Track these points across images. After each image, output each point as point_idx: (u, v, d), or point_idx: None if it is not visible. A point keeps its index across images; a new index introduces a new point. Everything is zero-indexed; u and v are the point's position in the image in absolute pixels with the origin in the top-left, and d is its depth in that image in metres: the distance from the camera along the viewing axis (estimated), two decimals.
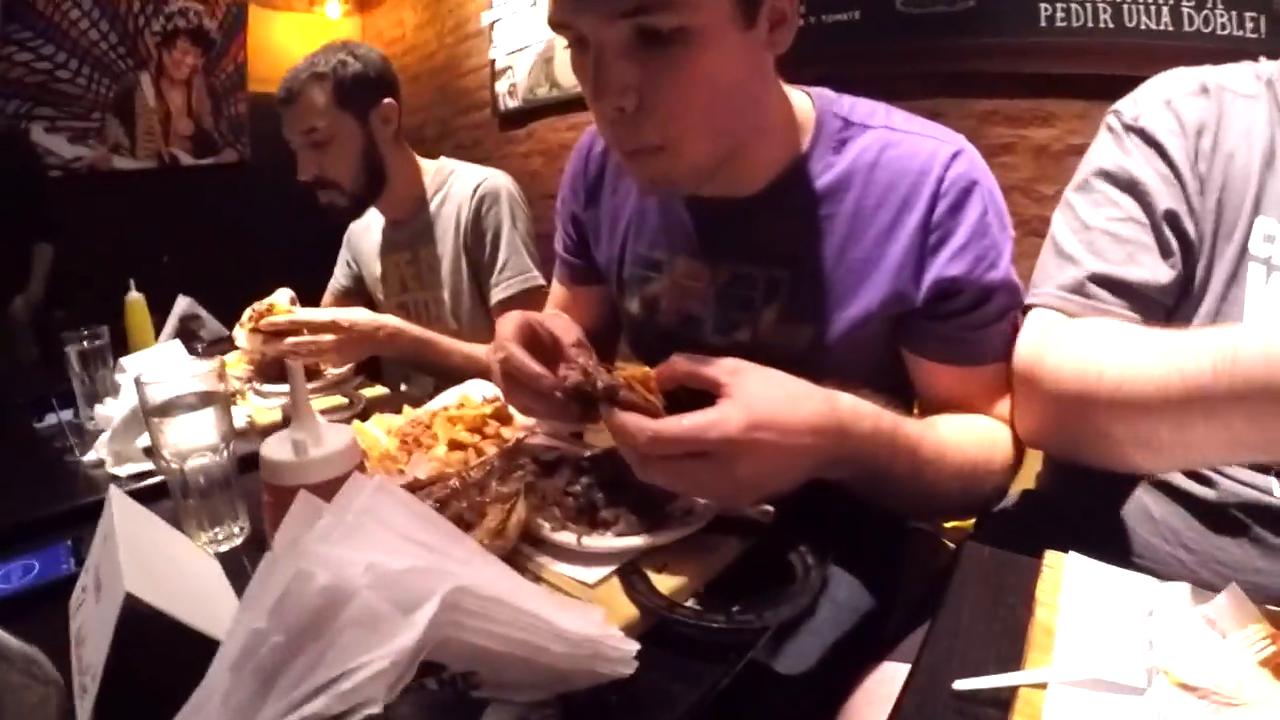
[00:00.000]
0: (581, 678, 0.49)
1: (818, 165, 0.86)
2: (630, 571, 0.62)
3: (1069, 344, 0.73)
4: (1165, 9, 1.86)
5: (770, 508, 0.71)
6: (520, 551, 0.65)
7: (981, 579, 0.60)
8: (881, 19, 2.17)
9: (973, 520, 0.94)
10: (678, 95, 0.74)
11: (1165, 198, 0.77)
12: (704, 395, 0.63)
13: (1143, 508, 0.80)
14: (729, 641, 0.56)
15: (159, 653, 0.50)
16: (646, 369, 0.66)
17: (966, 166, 0.82)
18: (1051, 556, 0.61)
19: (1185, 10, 1.84)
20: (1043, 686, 0.48)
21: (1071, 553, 0.62)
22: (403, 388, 1.74)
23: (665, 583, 0.61)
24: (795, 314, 0.88)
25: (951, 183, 0.81)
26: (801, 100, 0.89)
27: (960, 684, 0.48)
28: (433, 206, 1.68)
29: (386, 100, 1.58)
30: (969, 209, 0.81)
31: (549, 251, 1.23)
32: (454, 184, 1.67)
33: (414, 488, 0.73)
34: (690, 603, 0.61)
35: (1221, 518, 0.74)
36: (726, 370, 0.63)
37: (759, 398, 0.61)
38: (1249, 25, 1.81)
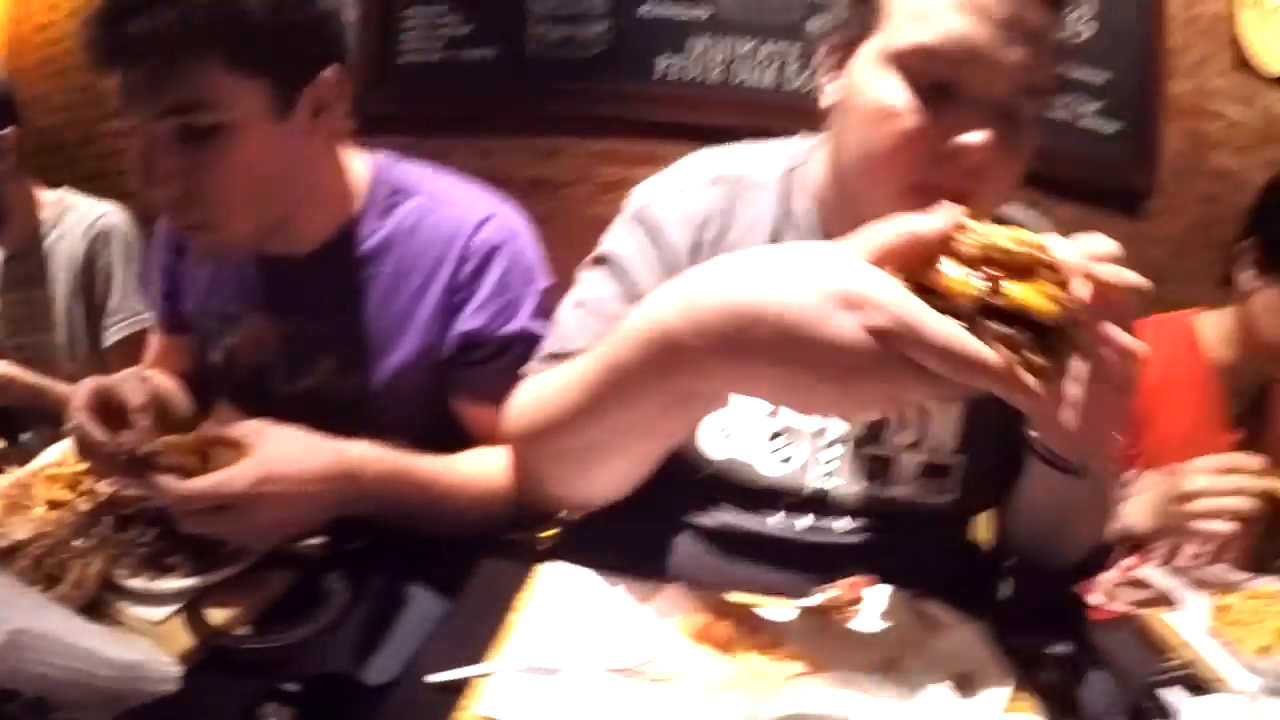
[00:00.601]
0: (134, 696, 0.58)
1: (366, 229, 0.97)
2: (189, 607, 0.71)
3: (516, 400, 0.81)
4: (771, 69, 2.24)
5: (317, 539, 0.82)
6: (103, 598, 0.72)
7: (485, 588, 0.71)
8: (513, 60, 2.39)
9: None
10: (217, 183, 0.84)
11: (653, 286, 0.79)
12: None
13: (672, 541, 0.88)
14: (262, 659, 0.66)
15: None
16: (196, 434, 0.77)
17: (491, 232, 0.96)
18: (542, 568, 0.72)
19: (789, 71, 2.24)
20: (488, 675, 0.57)
21: (549, 563, 0.72)
22: (22, 438, 1.66)
23: (219, 614, 0.70)
24: (347, 364, 0.99)
25: (475, 249, 0.95)
26: (360, 167, 1.00)
27: (431, 677, 0.58)
28: (47, 243, 1.61)
29: (5, 130, 1.49)
30: (490, 271, 0.95)
31: None
32: (69, 220, 1.62)
33: (13, 550, 0.76)
34: (244, 629, 0.70)
35: (729, 544, 0.85)
36: (247, 432, 0.75)
37: (270, 455, 0.72)
38: None
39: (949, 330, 0.47)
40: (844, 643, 0.66)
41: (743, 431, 0.84)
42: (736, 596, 0.71)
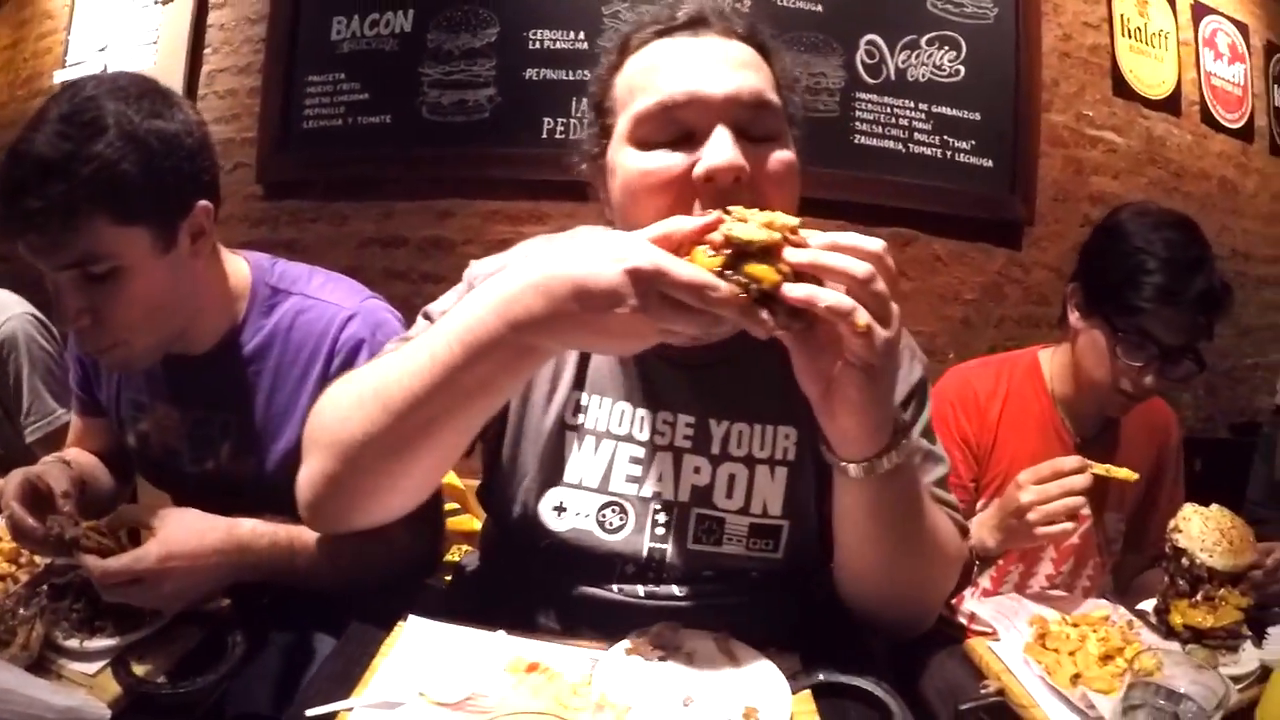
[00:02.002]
0: None
1: (250, 329, 1.08)
2: (116, 661, 0.81)
3: (320, 417, 0.84)
4: None
5: (226, 601, 0.91)
6: (46, 656, 0.82)
7: (359, 637, 0.79)
8: (409, 124, 2.47)
9: None
10: (119, 313, 0.95)
11: None
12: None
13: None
14: (174, 703, 0.78)
15: None
16: (110, 518, 0.90)
17: (356, 328, 1.06)
18: (405, 622, 0.79)
19: None
20: (350, 709, 0.66)
21: (411, 617, 0.79)
22: None
23: (141, 667, 0.81)
24: (242, 449, 1.09)
25: (343, 343, 1.06)
26: (240, 270, 1.10)
27: (310, 711, 0.65)
28: None
29: None
30: (358, 362, 1.03)
31: None
32: None
33: None
34: (161, 679, 0.81)
35: (578, 611, 0.88)
36: (154, 514, 0.88)
37: (172, 535, 0.84)
38: None
39: (693, 270, 0.61)
40: (648, 681, 0.73)
41: (575, 505, 0.89)
42: (558, 640, 0.80)
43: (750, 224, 0.63)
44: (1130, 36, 2.82)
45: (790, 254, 0.63)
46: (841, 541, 0.83)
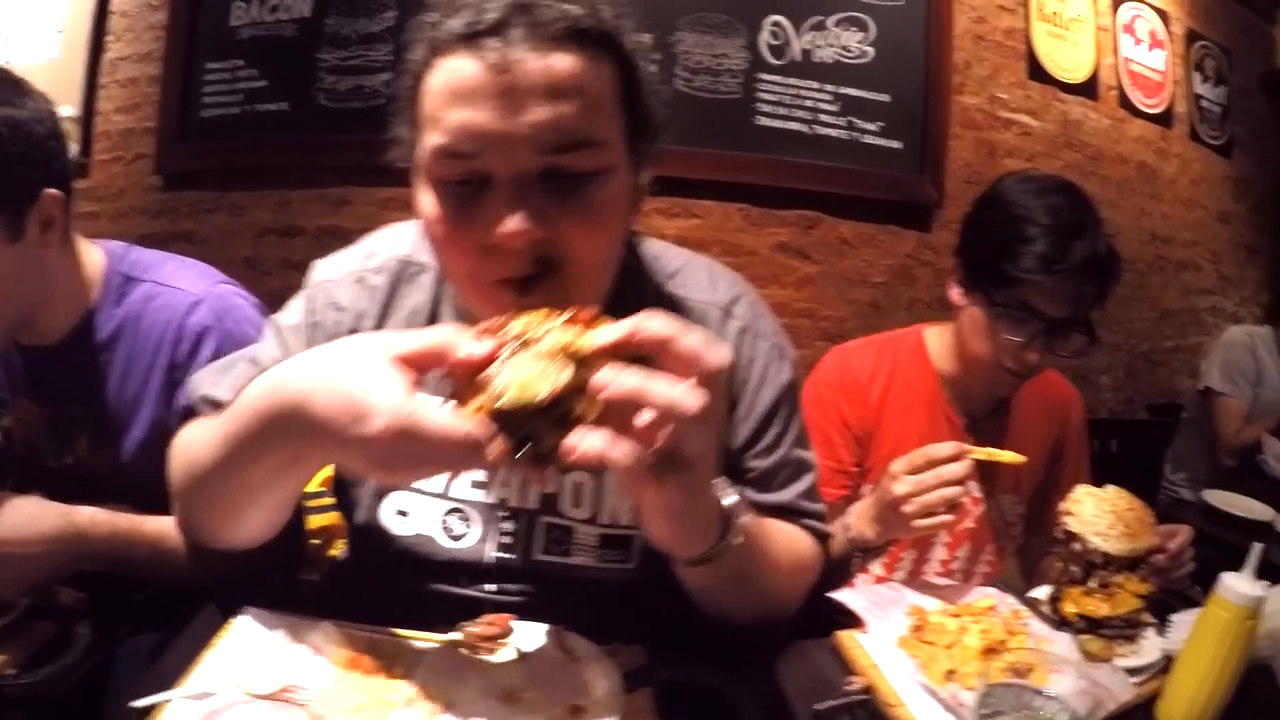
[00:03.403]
0: None
1: (102, 317, 1.06)
2: None
3: (174, 447, 0.83)
4: None
5: (82, 594, 0.89)
6: None
7: (198, 629, 0.76)
8: (306, 111, 2.40)
9: None
10: None
11: None
12: None
13: None
14: (20, 694, 0.76)
15: None
16: None
17: (202, 314, 1.04)
18: (240, 614, 0.76)
19: None
20: (167, 700, 0.64)
21: (248, 609, 0.75)
22: None
23: None
24: (99, 441, 1.07)
25: (188, 330, 1.04)
26: (94, 259, 1.07)
27: (137, 702, 0.63)
28: None
29: None
30: (202, 350, 1.03)
31: None
32: None
33: None
34: (12, 671, 0.77)
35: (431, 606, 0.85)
36: None
37: (4, 521, 0.83)
38: None
39: (447, 425, 0.53)
40: (472, 675, 0.69)
41: (418, 510, 0.85)
42: (388, 632, 0.75)
43: (532, 365, 0.53)
44: (1047, 21, 2.81)
45: (600, 383, 0.53)
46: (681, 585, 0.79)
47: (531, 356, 0.54)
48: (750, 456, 0.87)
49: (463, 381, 0.56)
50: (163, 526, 0.93)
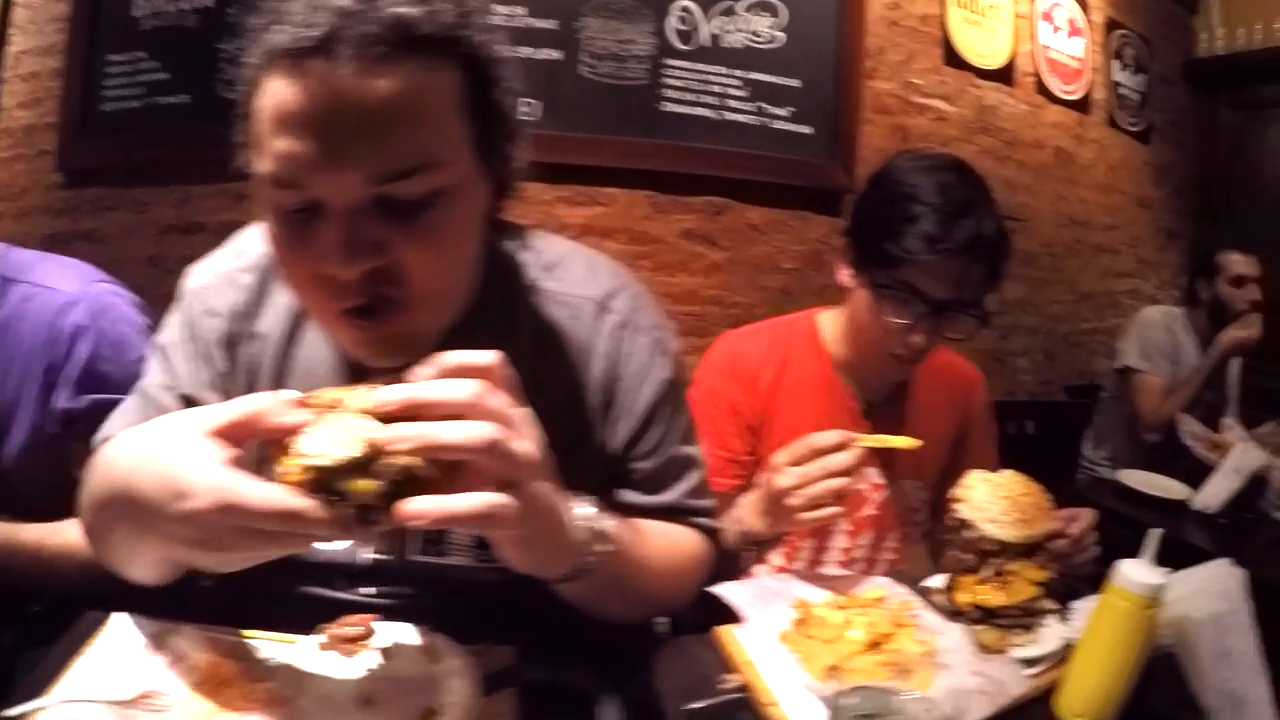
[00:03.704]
0: None
1: None
2: None
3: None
4: None
5: None
6: None
7: (75, 636, 0.74)
8: (207, 103, 2.33)
9: None
10: None
11: (189, 377, 0.82)
12: None
13: None
14: None
15: None
16: None
17: (78, 315, 1.02)
18: (112, 619, 0.75)
19: None
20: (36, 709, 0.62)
21: (117, 614, 0.74)
22: None
23: None
24: None
25: (63, 332, 1.01)
26: None
27: (8, 712, 0.61)
28: None
29: None
30: (77, 351, 1.01)
31: None
32: None
33: None
34: None
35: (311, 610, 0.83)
36: None
37: None
38: (527, 112, 2.26)
39: (267, 495, 0.50)
40: (329, 678, 0.69)
41: None
42: (248, 634, 0.74)
43: (340, 427, 0.52)
44: (963, 7, 2.83)
45: (388, 439, 0.52)
46: None
47: (340, 419, 0.53)
48: (634, 459, 0.85)
49: (276, 449, 0.54)
50: (40, 533, 0.92)
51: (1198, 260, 2.57)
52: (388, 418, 0.52)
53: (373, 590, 0.83)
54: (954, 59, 2.79)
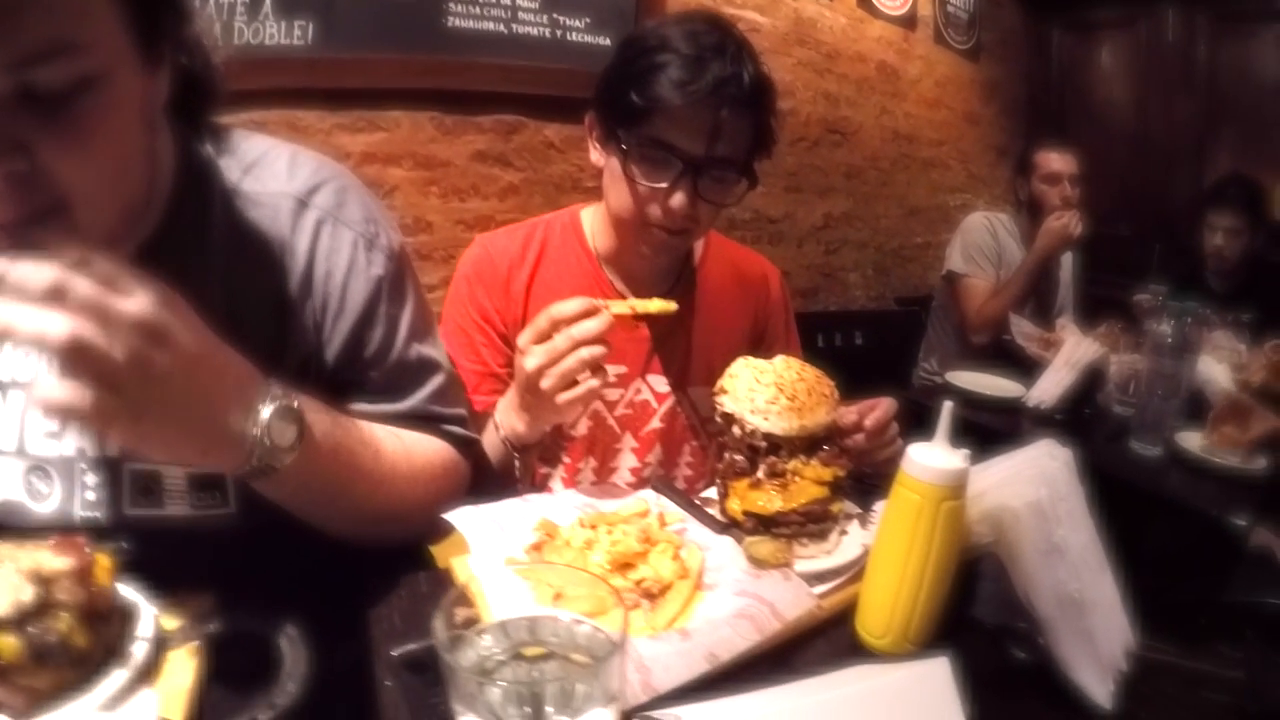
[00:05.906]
0: None
1: None
2: None
3: None
4: (219, 25, 2.00)
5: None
6: None
7: None
8: None
9: None
10: None
11: None
12: None
13: None
14: None
15: None
16: None
17: None
18: None
19: (237, 25, 2.03)
20: None
21: None
22: None
23: None
24: None
25: None
26: None
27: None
28: None
29: None
30: None
31: None
32: None
33: None
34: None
35: None
36: None
37: None
38: (297, 34, 2.05)
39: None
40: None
41: (1, 473, 0.78)
42: None
43: None
44: None
45: None
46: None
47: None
48: (361, 364, 0.81)
49: None
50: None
51: (1017, 161, 2.57)
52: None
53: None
54: None
